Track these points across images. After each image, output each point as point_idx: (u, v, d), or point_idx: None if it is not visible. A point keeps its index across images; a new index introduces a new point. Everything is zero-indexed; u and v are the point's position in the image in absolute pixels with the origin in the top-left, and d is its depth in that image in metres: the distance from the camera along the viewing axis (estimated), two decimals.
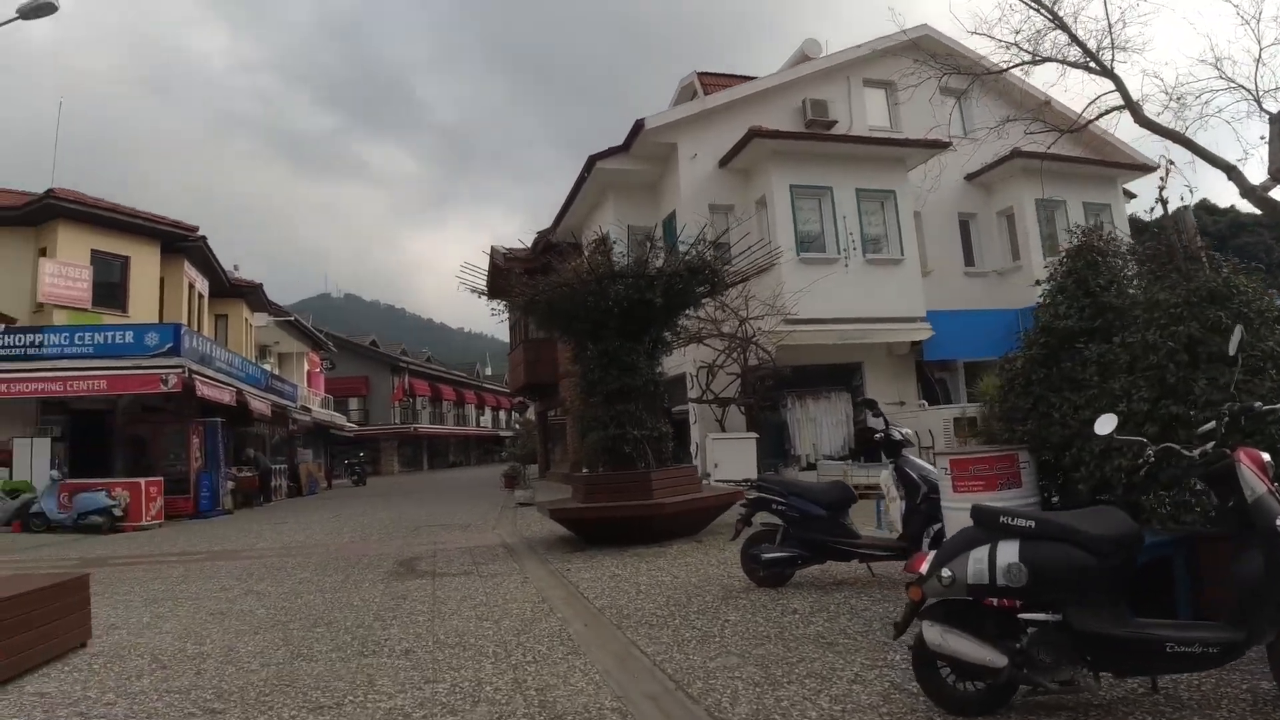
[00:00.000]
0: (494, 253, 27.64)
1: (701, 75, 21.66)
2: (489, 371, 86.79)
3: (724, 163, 18.22)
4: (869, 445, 17.53)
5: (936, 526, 6.49)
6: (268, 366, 31.04)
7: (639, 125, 18.02)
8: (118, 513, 15.49)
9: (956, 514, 5.77)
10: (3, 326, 13.13)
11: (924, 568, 3.80)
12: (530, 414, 30.44)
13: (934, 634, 3.68)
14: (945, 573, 3.65)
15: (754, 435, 15.27)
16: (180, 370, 16.90)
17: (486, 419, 76.78)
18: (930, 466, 6.70)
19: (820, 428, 17.78)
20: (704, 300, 11.75)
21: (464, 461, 68.98)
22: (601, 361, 10.42)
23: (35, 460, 16.37)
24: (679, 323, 11.58)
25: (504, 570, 8.37)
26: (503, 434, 78.38)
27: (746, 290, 14.80)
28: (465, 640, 5.37)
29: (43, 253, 18.45)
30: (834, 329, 16.98)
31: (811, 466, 16.65)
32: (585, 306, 10.18)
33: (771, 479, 7.31)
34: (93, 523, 15.26)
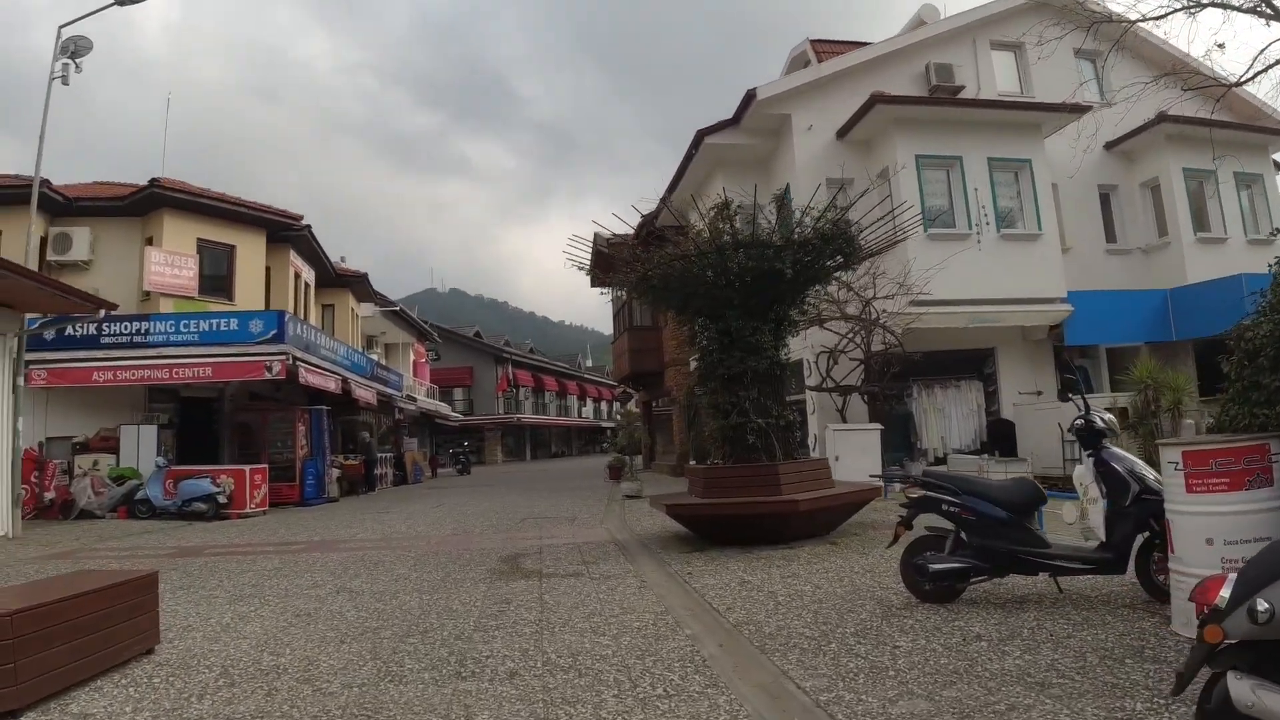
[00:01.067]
0: (597, 238, 27.06)
1: (814, 43, 20.33)
2: (589, 363, 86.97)
3: (842, 134, 16.93)
4: (1004, 438, 16.11)
5: (1143, 535, 5.28)
6: (375, 356, 31.28)
7: (750, 96, 16.90)
8: (222, 500, 15.39)
9: (1189, 520, 4.57)
10: (103, 312, 12.99)
11: (1222, 595, 2.71)
12: (634, 404, 29.64)
13: (1244, 691, 2.61)
14: (1262, 605, 2.56)
15: (878, 426, 13.99)
16: (284, 357, 16.74)
17: (588, 410, 76.81)
18: (1136, 460, 5.46)
19: (949, 419, 16.37)
20: (835, 274, 10.60)
21: (566, 452, 69.18)
22: (722, 342, 9.41)
23: (142, 447, 16.46)
24: (807, 299, 10.46)
25: (618, 572, 7.49)
26: (604, 425, 78.30)
27: (875, 267, 13.54)
28: (580, 661, 4.49)
29: (149, 242, 18.64)
30: (965, 311, 15.52)
31: (940, 460, 15.28)
32: (704, 281, 9.20)
33: (941, 474, 6.15)
34: (197, 510, 15.19)
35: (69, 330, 16.72)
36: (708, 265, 9.13)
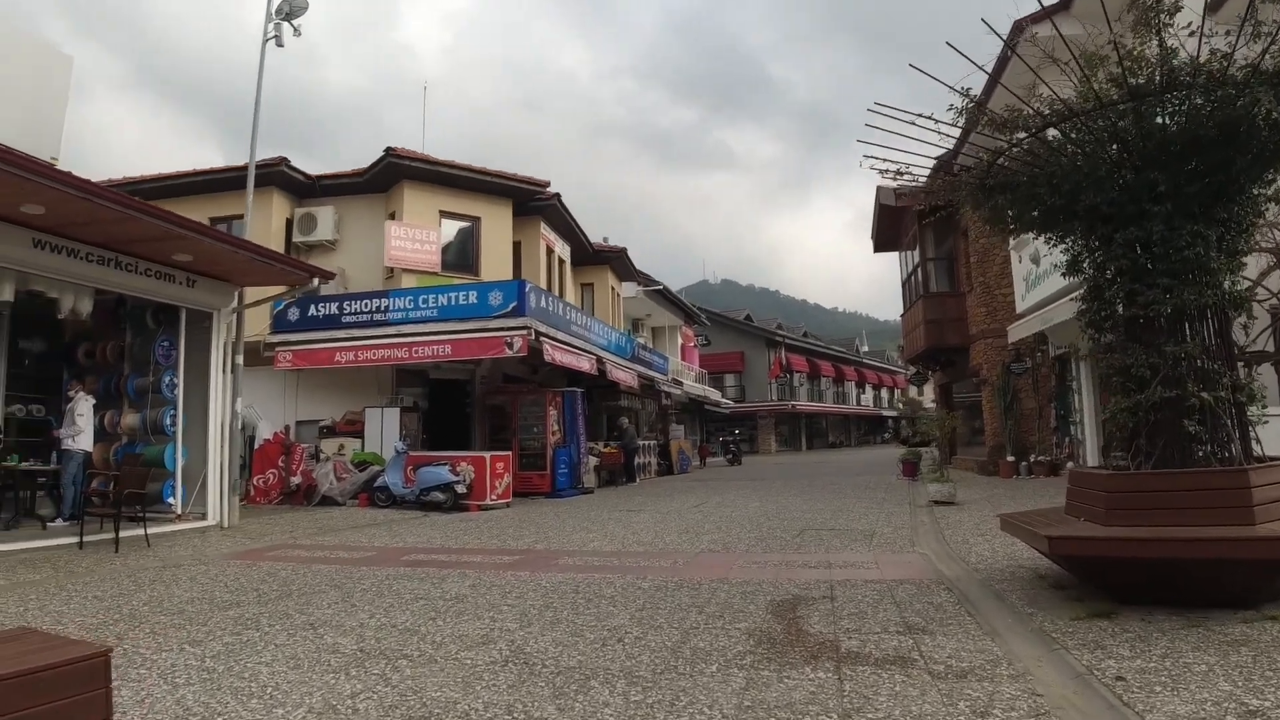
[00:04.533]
0: (880, 193, 23.07)
1: None
2: (866, 348, 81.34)
3: None
4: None
5: None
6: (641, 340, 29.51)
7: None
8: (460, 490, 13.73)
9: None
10: (315, 281, 11.56)
11: None
12: (929, 387, 25.20)
13: None
14: None
15: None
16: (526, 331, 14.79)
17: (867, 397, 71.47)
18: None
19: None
20: None
21: (844, 442, 64.63)
22: (1134, 263, 5.60)
23: (386, 431, 15.30)
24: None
25: (975, 660, 4.12)
26: (885, 413, 72.68)
27: None
28: None
29: (391, 217, 17.59)
30: None
31: None
32: (1101, 161, 5.52)
33: None
34: (435, 500, 13.62)
35: (312, 310, 15.99)
36: (1111, 134, 5.43)
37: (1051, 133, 5.86)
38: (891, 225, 23.97)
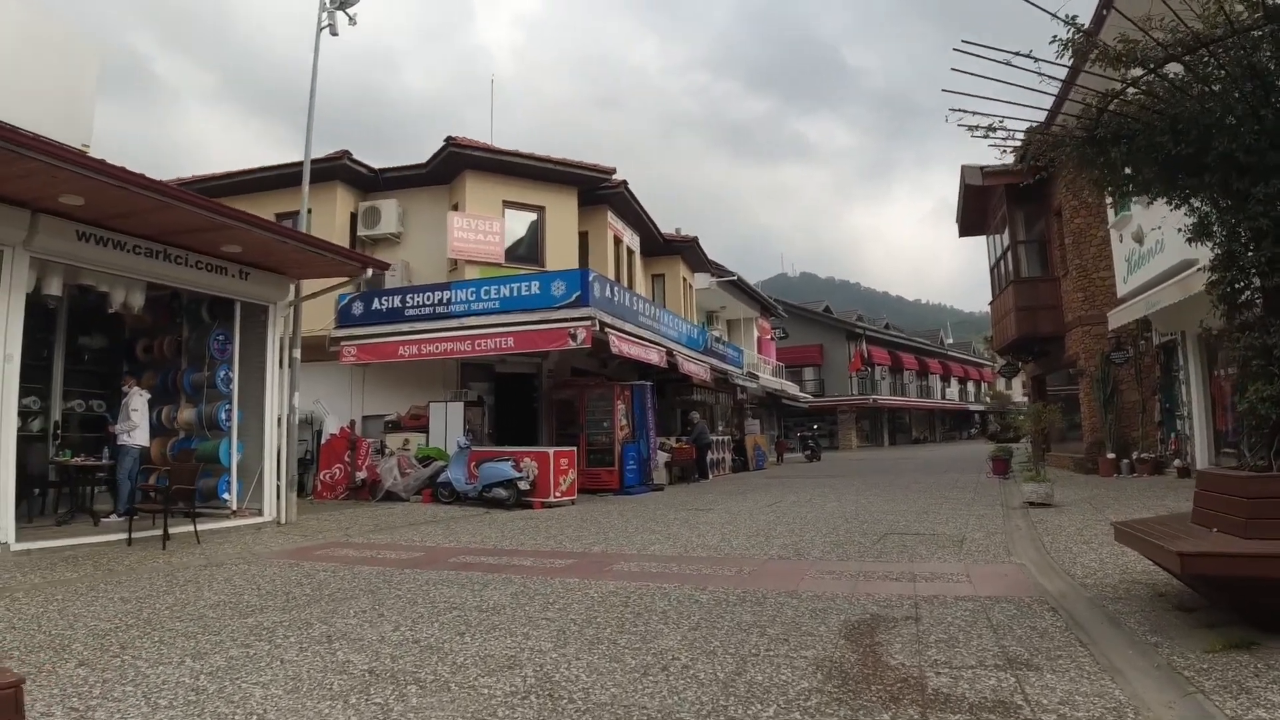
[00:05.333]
0: (966, 172, 21.76)
1: None
2: (950, 340, 78.56)
3: None
4: None
5: None
6: (716, 333, 28.75)
7: None
8: (523, 486, 13.28)
9: None
10: (369, 272, 11.23)
11: None
12: (1019, 380, 23.70)
13: None
14: None
15: None
16: (589, 322, 14.25)
17: (952, 391, 68.92)
18: None
19: None
20: None
21: (928, 437, 62.45)
22: (1274, 223, 4.67)
23: (450, 426, 14.96)
24: None
25: (1090, 702, 3.35)
26: (971, 408, 70.08)
27: None
28: None
29: (454, 209, 17.27)
30: None
31: None
32: (1236, 101, 4.64)
33: None
34: (497, 496, 13.22)
35: (375, 304, 15.78)
36: (1246, 68, 4.55)
37: (1174, 69, 4.96)
38: (978, 207, 22.62)
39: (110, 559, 7.87)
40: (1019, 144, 5.78)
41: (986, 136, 5.60)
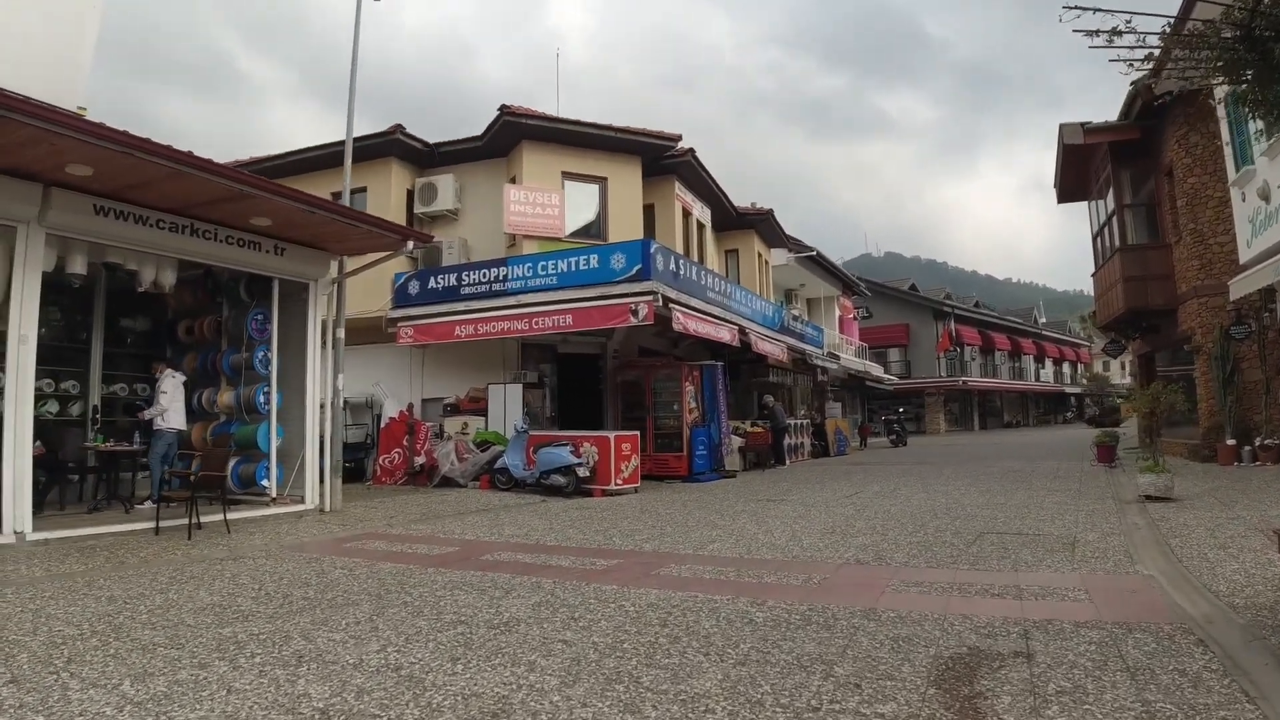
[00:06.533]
0: (1065, 130, 20.00)
1: None
2: (1044, 320, 74.77)
3: None
4: None
5: None
6: (795, 312, 27.52)
7: None
8: (583, 473, 12.55)
9: None
10: (410, 245, 10.56)
11: None
12: (1117, 362, 21.82)
13: None
14: None
15: None
16: (651, 297, 13.34)
17: (1047, 372, 65.56)
18: None
19: None
20: None
21: (1021, 421, 59.50)
22: None
23: (508, 409, 14.31)
24: None
25: None
26: (1067, 390, 66.63)
27: None
28: None
29: (512, 181, 16.55)
30: None
31: None
32: None
33: None
34: (555, 483, 12.52)
35: (431, 283, 15.19)
36: None
37: None
38: (1078, 170, 20.76)
39: (127, 550, 7.39)
40: (1152, 51, 4.62)
41: (1110, 44, 4.48)
